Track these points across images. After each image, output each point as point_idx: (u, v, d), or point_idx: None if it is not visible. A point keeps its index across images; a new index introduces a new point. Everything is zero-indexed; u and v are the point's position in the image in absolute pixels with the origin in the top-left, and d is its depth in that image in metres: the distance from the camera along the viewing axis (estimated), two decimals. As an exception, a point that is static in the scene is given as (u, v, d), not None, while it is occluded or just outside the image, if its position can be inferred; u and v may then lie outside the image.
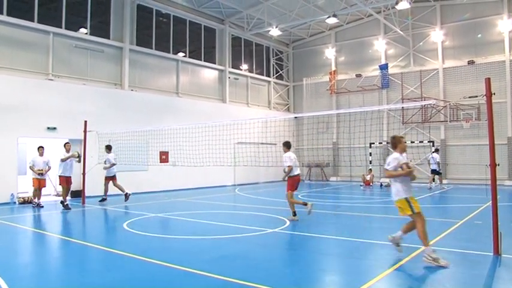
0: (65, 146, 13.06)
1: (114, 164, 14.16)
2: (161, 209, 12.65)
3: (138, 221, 10.04)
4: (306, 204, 9.99)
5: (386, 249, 7.06)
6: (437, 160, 18.35)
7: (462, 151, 21.06)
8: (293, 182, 10.11)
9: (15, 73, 14.67)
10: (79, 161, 13.40)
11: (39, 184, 12.93)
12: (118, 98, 17.51)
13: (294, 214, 10.01)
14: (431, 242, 7.16)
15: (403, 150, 6.41)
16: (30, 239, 8.53)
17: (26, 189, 14.99)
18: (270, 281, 5.17)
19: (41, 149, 13.13)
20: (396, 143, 6.46)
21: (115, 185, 14.20)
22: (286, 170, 10.04)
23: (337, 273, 5.87)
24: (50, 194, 16.17)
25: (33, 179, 13.02)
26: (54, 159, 13.57)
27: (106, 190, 14.32)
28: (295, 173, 10.13)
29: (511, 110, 20.48)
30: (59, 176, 12.90)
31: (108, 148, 14.38)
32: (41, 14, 15.52)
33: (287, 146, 10.42)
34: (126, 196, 13.97)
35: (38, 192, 12.96)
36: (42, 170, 12.90)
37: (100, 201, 14.10)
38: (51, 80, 15.62)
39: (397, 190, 6.14)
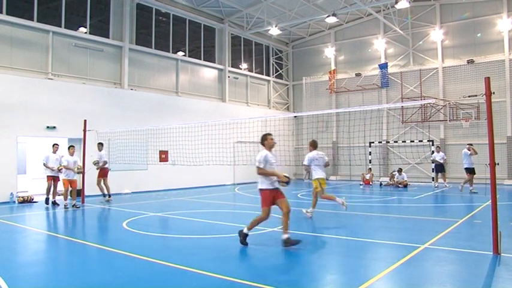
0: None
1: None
2: (161, 208, 12.65)
3: (138, 220, 10.04)
4: (104, 196, 14.00)
5: (386, 248, 7.07)
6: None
7: (462, 150, 21.02)
8: (104, 172, 14.09)
9: (14, 72, 14.66)
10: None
11: (70, 184, 12.70)
12: (118, 97, 17.50)
13: (109, 196, 14.07)
14: (430, 241, 7.18)
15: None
16: (30, 238, 8.53)
17: (26, 188, 15.00)
18: (270, 280, 5.17)
19: (72, 148, 12.93)
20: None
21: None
22: (101, 164, 13.85)
23: (337, 272, 5.87)
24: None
25: (63, 180, 12.68)
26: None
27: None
28: (106, 165, 14.11)
29: (511, 109, 20.50)
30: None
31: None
32: (41, 13, 15.50)
33: (102, 145, 14.24)
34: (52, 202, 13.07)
35: (67, 192, 12.76)
36: (80, 168, 13.01)
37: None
38: (51, 79, 15.60)
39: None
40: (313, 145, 10.68)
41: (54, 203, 12.97)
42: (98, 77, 17.30)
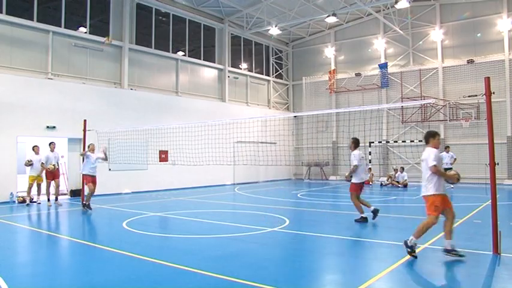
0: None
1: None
2: (160, 207, 12.65)
3: (138, 220, 10.04)
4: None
5: (386, 248, 7.07)
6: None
7: (462, 150, 21.05)
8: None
9: (14, 72, 14.64)
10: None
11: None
12: (117, 96, 17.48)
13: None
14: (430, 241, 7.18)
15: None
16: (30, 238, 8.53)
17: (26, 188, 14.95)
18: (270, 279, 5.17)
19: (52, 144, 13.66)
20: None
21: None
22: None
23: (337, 272, 5.87)
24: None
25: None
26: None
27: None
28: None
29: (511, 109, 20.50)
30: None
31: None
32: (41, 13, 15.49)
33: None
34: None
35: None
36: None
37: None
38: (51, 79, 15.59)
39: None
40: (35, 150, 13.33)
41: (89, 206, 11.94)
42: (97, 77, 17.28)
